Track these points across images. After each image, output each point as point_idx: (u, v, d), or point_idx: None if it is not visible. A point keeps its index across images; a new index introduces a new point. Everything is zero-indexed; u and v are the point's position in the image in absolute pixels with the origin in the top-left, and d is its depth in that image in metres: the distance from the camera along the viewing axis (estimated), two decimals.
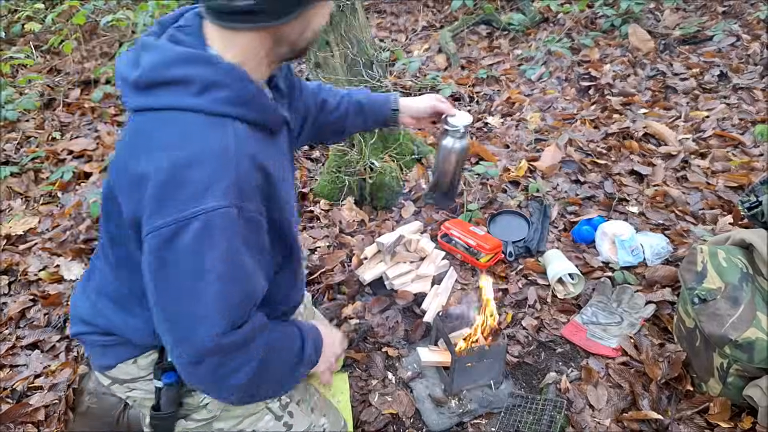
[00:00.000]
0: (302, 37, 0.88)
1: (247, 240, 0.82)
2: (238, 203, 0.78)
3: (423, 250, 2.02)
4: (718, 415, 1.41)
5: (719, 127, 2.64)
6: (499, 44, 3.96)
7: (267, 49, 0.87)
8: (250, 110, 0.85)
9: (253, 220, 0.83)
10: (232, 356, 0.85)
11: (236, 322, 0.84)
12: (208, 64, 0.83)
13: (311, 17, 0.87)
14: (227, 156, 0.79)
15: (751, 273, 1.48)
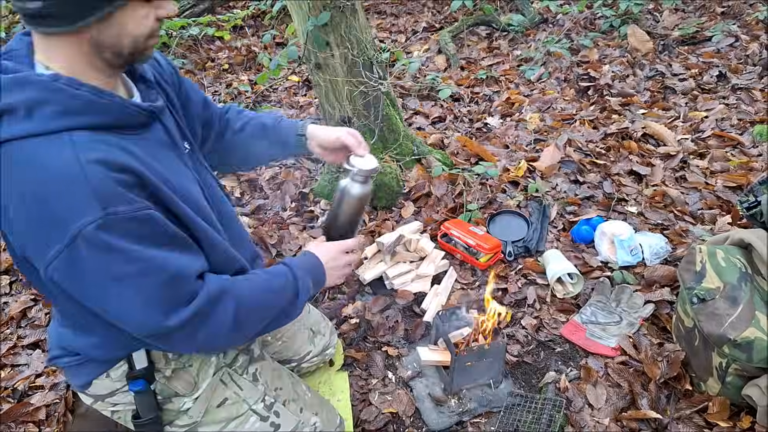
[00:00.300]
0: (121, 43, 0.83)
1: (142, 236, 0.82)
2: (106, 211, 0.77)
3: (423, 250, 2.03)
4: (717, 414, 1.42)
5: (718, 128, 2.65)
6: (499, 45, 3.97)
7: (88, 56, 0.83)
8: (88, 116, 0.82)
9: (138, 217, 0.81)
10: (195, 327, 0.89)
11: (176, 302, 0.86)
12: (25, 84, 0.80)
13: (120, 22, 0.82)
14: (72, 172, 0.76)
15: (749, 273, 1.48)
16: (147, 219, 0.82)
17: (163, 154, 0.94)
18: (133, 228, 0.81)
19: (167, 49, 3.72)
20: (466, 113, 3.09)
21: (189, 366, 1.09)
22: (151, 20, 0.86)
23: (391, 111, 2.35)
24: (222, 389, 1.12)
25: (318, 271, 1.12)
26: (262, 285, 1.02)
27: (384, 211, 2.34)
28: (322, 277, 1.13)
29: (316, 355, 1.53)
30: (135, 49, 0.87)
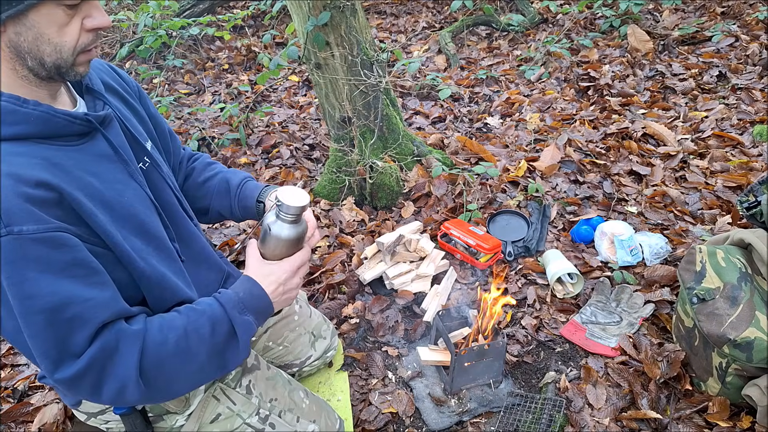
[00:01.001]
0: (41, 50, 0.79)
1: (47, 261, 0.74)
2: (8, 229, 0.71)
3: (423, 250, 2.03)
4: (717, 414, 1.42)
5: (718, 128, 2.65)
6: (499, 45, 3.97)
7: (11, 62, 0.79)
8: (6, 126, 0.78)
9: (45, 239, 0.74)
10: (93, 382, 0.80)
11: (67, 352, 0.77)
12: None
13: (38, 25, 0.77)
14: None
15: (749, 273, 1.48)
16: (55, 240, 0.75)
17: (103, 167, 0.88)
18: (38, 251, 0.73)
19: (167, 49, 3.72)
20: (466, 113, 3.09)
21: None
22: (76, 30, 0.80)
23: (390, 111, 2.35)
24: (215, 404, 1.11)
25: (261, 303, 0.97)
26: (181, 328, 0.87)
27: (384, 211, 2.34)
28: (269, 308, 0.98)
29: (317, 358, 1.53)
30: (59, 60, 0.81)
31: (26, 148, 0.79)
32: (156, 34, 3.36)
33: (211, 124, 3.08)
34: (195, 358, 0.88)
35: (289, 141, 2.88)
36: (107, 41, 4.09)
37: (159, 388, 0.85)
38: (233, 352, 0.93)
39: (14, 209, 0.72)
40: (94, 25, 0.82)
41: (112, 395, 0.81)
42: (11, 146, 0.77)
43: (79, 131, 0.86)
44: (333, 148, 2.38)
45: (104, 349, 0.80)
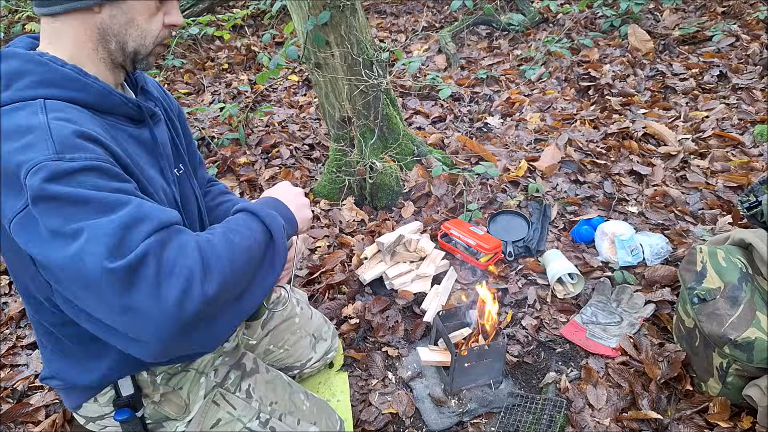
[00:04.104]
0: (128, 34, 0.87)
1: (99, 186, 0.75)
2: (60, 155, 0.74)
3: (423, 250, 2.02)
4: (718, 414, 1.41)
5: (719, 127, 2.64)
6: (499, 45, 3.96)
7: (95, 43, 0.87)
8: (66, 90, 0.83)
9: (97, 168, 0.76)
10: (152, 275, 0.72)
11: (127, 244, 0.73)
12: (10, 57, 0.84)
13: (133, 9, 0.86)
14: (35, 123, 0.77)
15: (750, 273, 1.48)
16: (103, 169, 0.77)
17: (143, 155, 0.92)
18: (94, 175, 0.75)
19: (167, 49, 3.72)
20: (466, 113, 3.09)
21: (179, 388, 1.08)
22: (160, 22, 0.90)
23: (391, 111, 2.35)
24: (215, 410, 1.11)
25: (280, 207, 0.98)
26: (219, 227, 0.87)
27: (384, 211, 2.34)
28: (288, 212, 0.98)
29: (318, 360, 1.53)
30: (141, 46, 0.89)
31: (80, 110, 0.83)
32: None
33: (211, 124, 3.08)
34: (243, 252, 0.83)
35: (289, 141, 2.88)
36: None
37: (222, 290, 0.77)
38: (272, 249, 0.89)
39: (67, 141, 0.76)
40: (171, 21, 0.91)
41: (177, 293, 0.71)
42: (66, 105, 0.82)
43: (130, 114, 0.92)
44: (333, 148, 2.37)
45: (162, 240, 0.75)
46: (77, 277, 0.71)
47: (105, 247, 0.70)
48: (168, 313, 0.71)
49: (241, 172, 2.65)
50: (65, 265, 0.72)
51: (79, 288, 0.73)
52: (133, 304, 0.71)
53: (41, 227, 0.73)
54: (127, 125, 0.92)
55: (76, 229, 0.71)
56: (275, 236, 0.89)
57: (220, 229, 0.85)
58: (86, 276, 0.70)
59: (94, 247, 0.70)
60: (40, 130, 0.76)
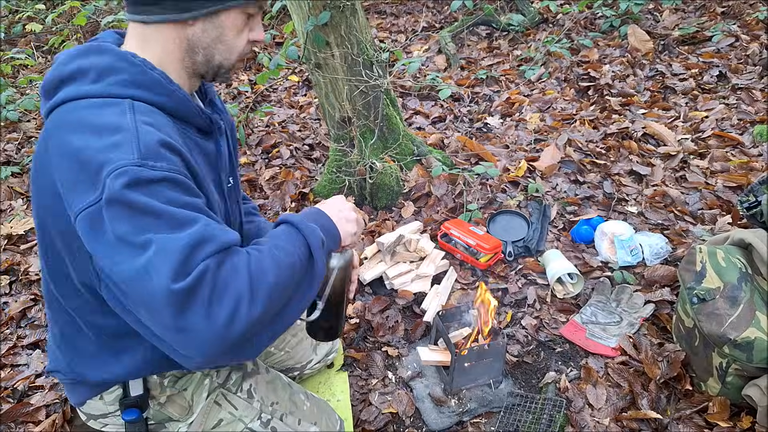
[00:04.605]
0: (216, 48, 0.90)
1: (172, 199, 0.76)
2: (144, 161, 0.75)
3: (423, 250, 2.03)
4: (717, 414, 1.42)
5: (718, 128, 2.65)
6: (499, 45, 3.97)
7: (182, 53, 0.90)
8: (153, 94, 0.85)
9: (173, 179, 0.77)
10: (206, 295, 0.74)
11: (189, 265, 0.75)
12: (104, 52, 0.85)
13: (224, 26, 0.89)
14: (124, 123, 0.78)
15: (750, 273, 1.48)
16: (178, 181, 0.79)
17: (203, 163, 0.93)
18: (169, 186, 0.77)
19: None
20: (466, 113, 3.09)
21: (183, 390, 1.08)
22: (245, 38, 0.93)
23: (391, 111, 2.35)
24: (216, 410, 1.11)
25: (323, 218, 0.97)
26: (264, 242, 0.87)
27: (384, 211, 2.34)
28: (331, 225, 0.98)
29: (318, 361, 1.53)
30: (225, 61, 0.92)
31: (162, 116, 0.86)
32: None
33: None
34: (287, 269, 0.84)
35: (289, 141, 2.88)
36: None
37: (266, 310, 0.79)
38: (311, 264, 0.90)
39: (151, 148, 0.77)
40: (255, 37, 0.94)
41: (227, 313, 0.73)
42: (153, 110, 0.85)
43: (200, 125, 0.95)
44: (333, 148, 2.37)
45: (219, 262, 0.76)
46: (138, 291, 0.73)
47: (171, 265, 0.71)
48: (217, 333, 0.73)
49: (242, 172, 2.65)
50: (129, 277, 0.73)
51: (137, 300, 0.74)
52: (187, 326, 0.72)
53: (107, 229, 0.73)
54: (196, 135, 0.94)
55: (144, 240, 0.72)
56: (314, 252, 0.89)
57: (267, 246, 0.85)
58: (148, 292, 0.72)
59: (162, 264, 0.71)
60: (128, 132, 0.77)
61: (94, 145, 0.76)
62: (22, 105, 3.02)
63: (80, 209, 0.75)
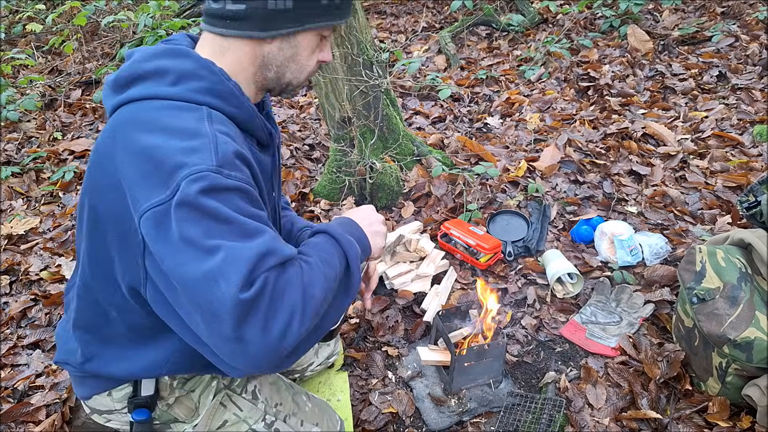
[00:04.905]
0: (288, 67, 0.92)
1: (240, 208, 0.77)
2: (220, 169, 0.76)
3: (423, 250, 2.03)
4: (717, 414, 1.42)
5: (718, 128, 2.65)
6: (499, 45, 3.97)
7: (255, 68, 0.91)
8: (228, 104, 0.86)
9: (245, 189, 0.79)
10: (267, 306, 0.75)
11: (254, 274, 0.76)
12: (185, 56, 0.86)
13: (299, 45, 0.91)
14: (203, 129, 0.79)
15: (749, 273, 1.48)
16: (248, 192, 0.80)
17: (260, 176, 0.94)
18: (240, 196, 0.78)
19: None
20: (466, 113, 3.09)
21: (191, 391, 1.08)
22: (316, 59, 0.95)
23: (390, 111, 2.35)
24: (221, 412, 1.11)
25: (357, 231, 1.00)
26: (317, 255, 0.88)
27: (384, 211, 2.34)
28: (364, 238, 1.00)
29: (319, 364, 1.53)
30: (294, 79, 0.95)
31: (235, 128, 0.88)
32: (156, 34, 3.36)
33: None
34: (331, 281, 0.86)
35: (289, 141, 2.88)
36: (107, 41, 4.09)
37: (312, 323, 0.81)
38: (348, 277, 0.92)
39: (227, 158, 0.78)
40: (324, 58, 0.97)
41: (281, 327, 0.74)
42: (226, 120, 0.86)
43: (262, 138, 0.96)
44: (333, 148, 2.38)
45: (278, 274, 0.77)
46: (202, 295, 0.72)
47: (241, 274, 0.71)
48: (270, 346, 0.74)
49: None
50: (194, 280, 0.72)
51: (196, 304, 0.73)
52: (243, 336, 0.72)
53: (174, 229, 0.73)
54: (256, 148, 0.95)
55: (213, 245, 0.72)
56: (351, 265, 0.92)
57: (314, 258, 0.86)
58: (216, 298, 0.71)
59: (231, 272, 0.71)
60: (207, 138, 0.78)
61: (171, 145, 0.77)
62: (22, 105, 3.03)
63: (148, 207, 0.75)
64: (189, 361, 0.96)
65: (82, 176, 2.74)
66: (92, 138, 3.07)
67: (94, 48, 4.04)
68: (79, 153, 2.94)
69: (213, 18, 0.89)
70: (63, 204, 2.56)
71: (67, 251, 2.23)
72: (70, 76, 3.73)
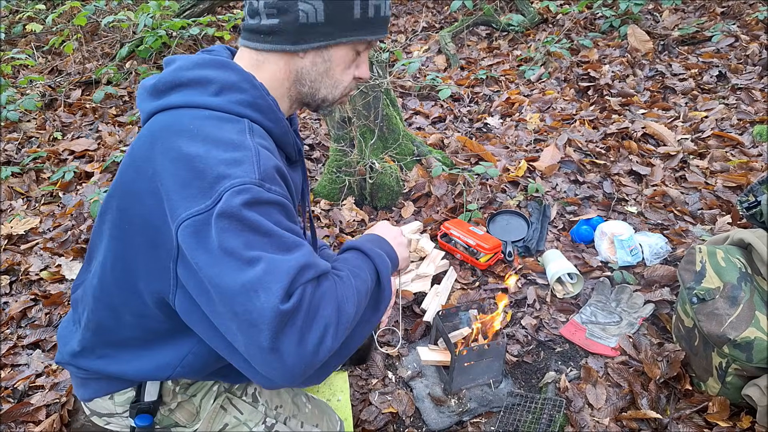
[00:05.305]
0: (323, 82, 0.92)
1: (280, 221, 0.78)
2: (262, 183, 0.77)
3: (423, 250, 2.03)
4: (717, 414, 1.42)
5: (718, 128, 2.65)
6: (499, 45, 3.97)
7: (290, 83, 0.92)
8: (266, 119, 0.87)
9: (283, 204, 0.80)
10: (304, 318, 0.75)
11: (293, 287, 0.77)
12: (229, 68, 0.87)
13: (332, 60, 0.91)
14: (245, 142, 0.80)
15: (749, 273, 1.48)
16: (290, 210, 0.82)
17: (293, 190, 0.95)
18: (280, 210, 0.79)
19: (167, 49, 3.73)
20: (466, 113, 3.09)
21: (193, 396, 1.08)
22: (351, 74, 0.94)
23: (390, 111, 2.35)
24: (222, 415, 1.11)
25: (385, 245, 1.02)
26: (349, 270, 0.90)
27: (384, 211, 2.34)
28: (392, 251, 1.02)
29: None
30: (329, 95, 0.94)
31: (272, 142, 0.89)
32: (156, 34, 3.36)
33: None
34: (363, 296, 0.88)
35: None
36: (107, 41, 4.09)
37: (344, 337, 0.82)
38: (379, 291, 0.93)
39: (269, 172, 0.79)
40: (360, 74, 0.95)
41: (315, 341, 0.75)
42: (265, 134, 0.87)
43: (291, 153, 0.97)
44: (333, 148, 2.38)
45: (314, 287, 0.78)
46: (241, 305, 0.72)
47: (281, 285, 0.72)
48: (304, 359, 0.74)
49: None
50: (233, 290, 0.72)
51: (234, 314, 0.73)
52: (280, 347, 0.73)
53: (213, 240, 0.73)
54: (286, 163, 0.95)
55: (253, 257, 0.72)
56: (382, 279, 0.94)
57: (345, 273, 0.87)
58: (256, 308, 0.71)
59: (272, 282, 0.72)
60: (250, 151, 0.78)
61: (213, 156, 0.77)
62: (22, 105, 3.03)
63: (187, 216, 0.75)
64: (200, 365, 0.96)
65: (82, 176, 2.75)
66: (92, 138, 3.08)
67: (94, 48, 4.04)
68: (79, 153, 2.94)
69: (250, 33, 0.90)
70: (63, 204, 2.56)
71: (67, 251, 2.23)
72: (70, 76, 3.73)
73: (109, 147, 2.96)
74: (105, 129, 3.13)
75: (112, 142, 3.01)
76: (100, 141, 3.03)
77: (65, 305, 1.99)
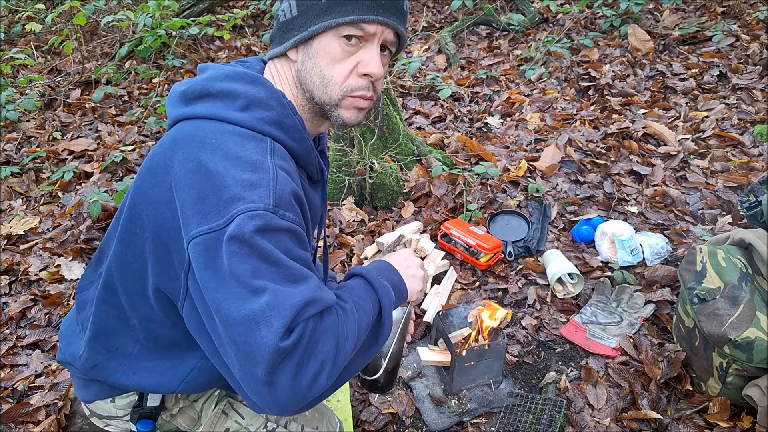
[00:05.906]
0: (312, 82, 0.86)
1: (289, 249, 0.77)
2: (276, 209, 0.75)
3: (423, 250, 2.02)
4: (718, 414, 1.42)
5: (718, 128, 2.65)
6: (499, 45, 3.97)
7: (297, 90, 0.89)
8: (290, 138, 0.85)
9: (296, 231, 0.78)
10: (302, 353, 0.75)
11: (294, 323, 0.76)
12: (259, 83, 0.85)
13: (317, 54, 0.85)
14: (264, 164, 0.78)
15: (750, 273, 1.48)
16: (302, 237, 0.80)
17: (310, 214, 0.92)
18: (291, 238, 0.77)
19: (167, 49, 3.72)
20: (466, 113, 3.09)
21: (195, 402, 1.08)
22: (347, 69, 0.85)
23: (391, 111, 2.35)
24: (223, 420, 1.10)
25: (394, 276, 0.99)
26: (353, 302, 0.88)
27: (384, 211, 2.34)
28: (401, 282, 0.99)
29: None
30: (323, 96, 0.86)
31: (293, 163, 0.86)
32: (155, 33, 3.36)
33: None
34: (363, 329, 0.86)
35: None
36: (107, 41, 4.09)
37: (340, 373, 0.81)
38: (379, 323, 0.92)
39: (284, 198, 0.77)
40: (364, 71, 0.85)
41: (311, 377, 0.75)
42: (287, 155, 0.85)
43: (313, 173, 0.94)
44: (333, 148, 2.37)
45: (316, 323, 0.77)
46: (241, 335, 0.71)
47: (283, 322, 0.71)
48: (298, 394, 0.74)
49: None
50: (234, 319, 0.72)
51: (233, 342, 0.73)
52: (274, 381, 0.72)
53: (223, 261, 0.72)
54: (307, 183, 0.92)
55: (259, 286, 0.72)
56: (384, 312, 0.91)
57: (349, 305, 0.85)
58: (255, 342, 0.71)
59: (274, 318, 0.71)
60: (267, 174, 0.77)
61: (231, 174, 0.75)
62: (21, 105, 3.03)
63: (199, 232, 0.74)
64: (207, 381, 0.95)
65: (81, 176, 2.74)
66: (92, 138, 3.07)
67: (94, 48, 4.04)
68: (78, 153, 2.94)
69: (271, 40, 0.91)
70: (62, 204, 2.56)
71: (66, 251, 2.23)
72: (69, 75, 3.73)
73: (108, 147, 2.96)
74: (104, 129, 3.13)
75: (112, 141, 3.01)
76: (100, 141, 3.03)
77: (65, 305, 1.99)
